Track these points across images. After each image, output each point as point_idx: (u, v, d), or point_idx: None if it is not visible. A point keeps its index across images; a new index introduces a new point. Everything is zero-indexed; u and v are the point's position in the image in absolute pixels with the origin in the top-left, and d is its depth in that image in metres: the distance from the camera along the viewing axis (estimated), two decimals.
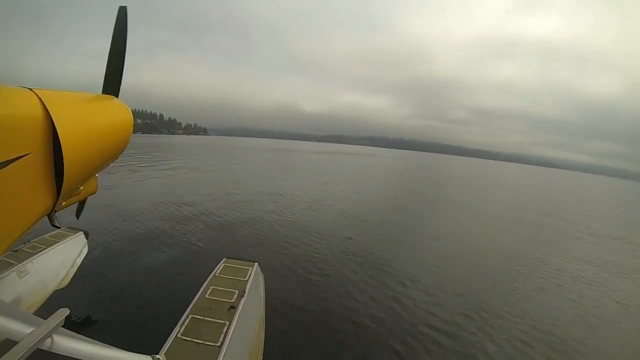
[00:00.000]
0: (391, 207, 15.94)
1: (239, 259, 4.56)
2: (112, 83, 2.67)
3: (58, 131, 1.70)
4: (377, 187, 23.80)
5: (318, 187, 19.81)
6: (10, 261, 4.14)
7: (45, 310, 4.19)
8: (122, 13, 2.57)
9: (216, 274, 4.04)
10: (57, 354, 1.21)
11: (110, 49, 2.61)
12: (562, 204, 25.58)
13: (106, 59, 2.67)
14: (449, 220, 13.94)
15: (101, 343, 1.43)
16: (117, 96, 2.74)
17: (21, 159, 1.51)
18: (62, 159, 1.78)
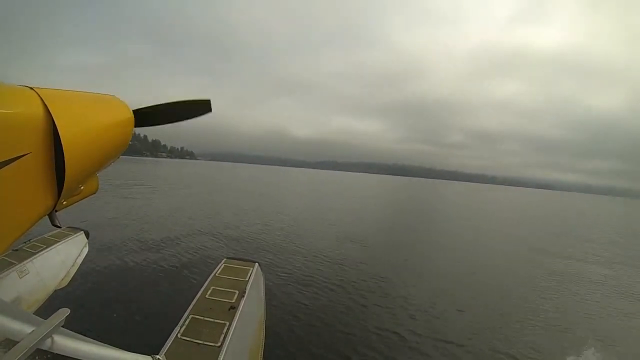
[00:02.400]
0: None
1: (240, 259, 4.56)
2: None
3: (59, 130, 1.69)
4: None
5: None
6: (11, 260, 4.13)
7: (45, 310, 4.19)
8: None
9: (216, 274, 4.04)
10: (57, 354, 1.20)
11: None
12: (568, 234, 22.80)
13: (82, 74, 2.78)
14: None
15: (101, 343, 1.42)
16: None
17: (21, 159, 1.50)
18: (63, 158, 1.77)
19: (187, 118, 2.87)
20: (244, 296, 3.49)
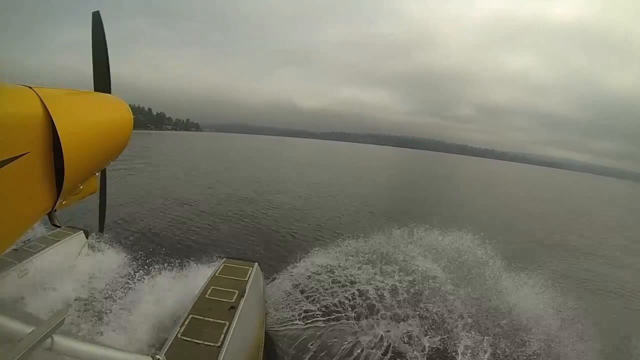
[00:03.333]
0: None
1: (239, 259, 4.56)
2: (102, 81, 2.78)
3: (58, 130, 1.69)
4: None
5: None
6: (11, 260, 4.13)
7: (45, 310, 4.19)
8: (97, 18, 2.70)
9: (216, 274, 4.04)
10: (57, 354, 1.20)
11: (93, 51, 2.74)
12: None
13: (87, 55, 2.82)
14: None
15: (101, 343, 1.42)
16: (109, 92, 2.82)
17: (20, 158, 1.50)
18: (62, 157, 1.77)
19: None
20: (243, 296, 3.49)
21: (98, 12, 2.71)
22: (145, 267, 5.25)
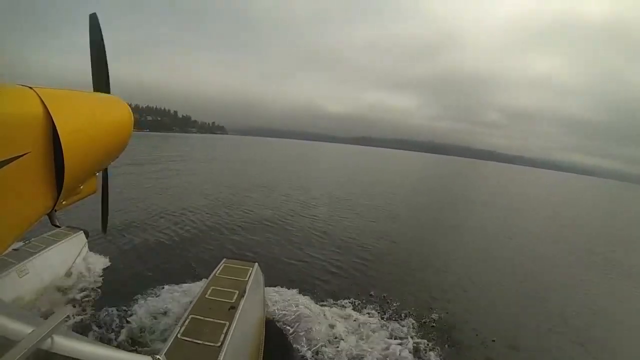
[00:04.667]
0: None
1: (239, 259, 4.56)
2: (101, 81, 2.79)
3: (58, 130, 1.69)
4: None
5: None
6: (11, 260, 4.14)
7: (45, 310, 4.19)
8: (94, 20, 2.72)
9: (216, 274, 4.04)
10: (57, 354, 1.20)
11: (91, 52, 2.75)
12: None
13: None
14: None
15: (101, 343, 1.42)
16: (108, 92, 2.82)
17: (20, 158, 1.50)
18: (63, 158, 1.77)
19: None
20: (243, 296, 3.49)
21: (95, 14, 2.74)
22: None
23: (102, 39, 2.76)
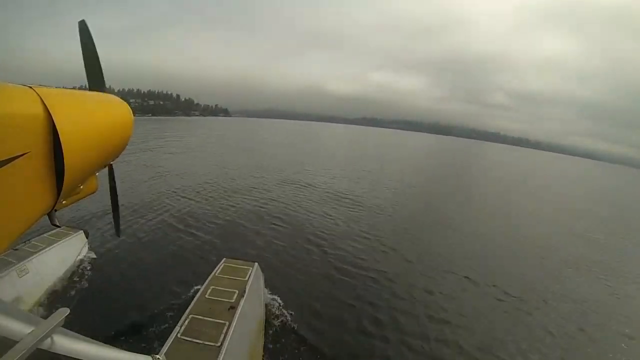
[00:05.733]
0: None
1: (239, 259, 4.56)
2: (96, 81, 2.83)
3: (58, 130, 1.69)
4: None
5: None
6: (11, 260, 4.13)
7: (45, 310, 4.19)
8: (83, 25, 2.78)
9: (216, 274, 4.04)
10: (57, 354, 1.20)
11: (83, 55, 2.80)
12: None
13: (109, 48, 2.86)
14: None
15: (101, 343, 1.42)
16: (104, 89, 2.85)
17: (20, 158, 1.50)
18: (63, 157, 1.77)
19: None
20: (243, 296, 3.49)
21: (84, 20, 2.80)
22: None
23: (93, 42, 2.81)
